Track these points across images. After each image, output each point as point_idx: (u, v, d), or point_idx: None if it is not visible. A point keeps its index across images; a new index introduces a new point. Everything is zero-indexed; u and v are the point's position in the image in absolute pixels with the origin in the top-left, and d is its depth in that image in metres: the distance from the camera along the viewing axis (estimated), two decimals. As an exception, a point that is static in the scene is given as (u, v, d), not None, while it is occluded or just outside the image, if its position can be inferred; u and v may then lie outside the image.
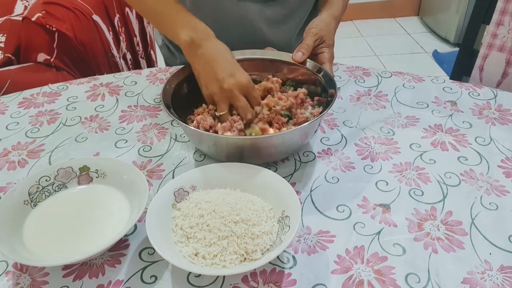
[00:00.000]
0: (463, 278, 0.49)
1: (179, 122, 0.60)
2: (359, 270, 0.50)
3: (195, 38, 0.65)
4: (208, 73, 0.65)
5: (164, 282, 0.50)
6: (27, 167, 0.67)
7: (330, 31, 0.76)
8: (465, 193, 0.61)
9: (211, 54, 0.65)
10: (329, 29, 0.76)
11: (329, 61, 0.73)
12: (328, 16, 0.78)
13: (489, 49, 1.09)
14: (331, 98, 0.64)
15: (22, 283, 0.50)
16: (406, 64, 2.61)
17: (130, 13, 1.61)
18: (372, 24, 3.10)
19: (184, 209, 0.54)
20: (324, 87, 0.69)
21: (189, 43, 0.66)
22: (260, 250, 0.49)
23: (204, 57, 0.65)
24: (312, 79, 0.72)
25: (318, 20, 0.77)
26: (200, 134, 0.62)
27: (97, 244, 0.49)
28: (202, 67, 0.66)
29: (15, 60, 1.39)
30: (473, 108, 0.79)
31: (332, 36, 0.77)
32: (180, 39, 0.66)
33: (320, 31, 0.74)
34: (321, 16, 0.79)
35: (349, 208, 0.59)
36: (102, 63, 1.43)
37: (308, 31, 0.75)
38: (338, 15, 0.80)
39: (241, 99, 0.63)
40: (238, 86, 0.63)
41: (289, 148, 0.65)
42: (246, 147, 0.61)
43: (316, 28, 0.75)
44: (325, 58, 0.73)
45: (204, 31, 0.67)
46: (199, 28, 0.66)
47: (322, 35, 0.74)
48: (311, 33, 0.74)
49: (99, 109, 0.81)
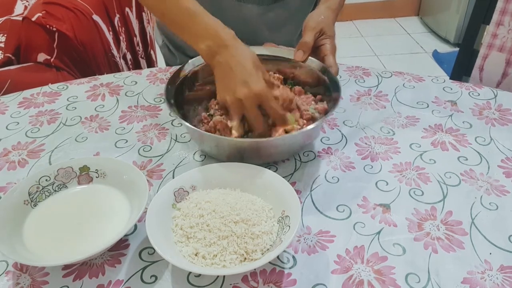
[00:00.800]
0: (463, 278, 0.49)
1: (182, 122, 0.60)
2: (359, 270, 0.50)
3: (212, 46, 0.62)
4: (222, 81, 0.62)
5: (164, 282, 0.50)
6: (27, 167, 0.67)
7: (329, 23, 0.74)
8: (465, 193, 0.61)
9: (227, 61, 0.61)
10: (328, 21, 0.74)
11: (331, 53, 0.71)
12: (326, 9, 0.76)
13: (489, 49, 1.09)
14: (336, 97, 0.64)
15: (22, 283, 0.50)
16: (406, 64, 2.61)
17: (130, 13, 1.61)
18: (372, 24, 3.10)
19: (184, 209, 0.54)
20: (328, 87, 0.69)
21: (207, 51, 0.63)
22: (260, 250, 0.49)
23: (220, 65, 0.62)
24: (315, 77, 0.72)
25: (315, 14, 0.75)
26: (201, 135, 0.62)
27: (97, 244, 0.49)
28: (219, 75, 0.63)
29: (15, 60, 1.39)
30: (473, 108, 0.79)
31: (332, 27, 0.75)
32: (199, 48, 0.64)
33: (318, 23, 0.72)
34: (318, 9, 0.77)
35: (349, 208, 0.59)
36: (102, 63, 1.43)
37: (306, 25, 0.73)
38: (336, 8, 0.78)
39: (252, 111, 0.60)
40: (250, 95, 0.59)
41: (291, 148, 0.65)
42: (247, 149, 0.61)
43: (313, 21, 0.73)
44: (327, 50, 0.71)
45: (223, 36, 0.63)
46: (218, 34, 0.63)
47: (321, 27, 0.72)
48: (309, 27, 0.72)
49: (99, 109, 0.81)
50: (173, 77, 0.70)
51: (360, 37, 2.95)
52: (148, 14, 1.76)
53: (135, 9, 1.65)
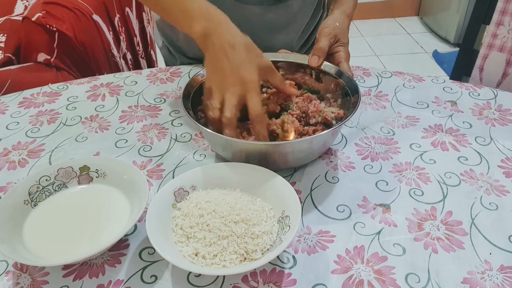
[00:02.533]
0: (463, 278, 0.49)
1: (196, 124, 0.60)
2: (359, 270, 0.50)
3: (207, 27, 0.60)
4: (213, 68, 0.60)
5: (164, 282, 0.50)
6: (27, 167, 0.67)
7: (344, 29, 0.75)
8: (465, 193, 0.61)
9: (222, 46, 0.59)
10: (343, 27, 0.75)
11: (346, 60, 0.72)
12: (340, 14, 0.77)
13: (489, 49, 1.09)
14: (354, 100, 0.64)
15: (22, 283, 0.50)
16: (406, 64, 2.61)
17: (130, 13, 1.62)
18: (372, 24, 3.10)
19: (184, 209, 0.54)
20: (347, 91, 0.68)
21: (202, 33, 0.60)
22: (260, 250, 0.49)
23: (214, 49, 0.59)
24: (332, 82, 0.71)
25: (331, 19, 0.75)
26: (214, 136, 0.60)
27: (97, 244, 0.49)
28: (210, 58, 0.61)
29: (15, 60, 1.39)
30: (473, 108, 0.79)
31: (346, 34, 0.75)
32: (193, 31, 0.61)
33: (334, 30, 0.73)
34: (333, 15, 0.77)
35: (349, 208, 0.59)
36: (102, 63, 1.44)
37: (321, 31, 0.73)
38: (350, 13, 0.79)
39: (232, 100, 0.57)
40: (238, 87, 0.57)
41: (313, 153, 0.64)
42: (268, 152, 0.60)
43: (329, 28, 0.73)
44: (342, 57, 0.72)
45: (219, 18, 0.61)
46: (214, 16, 0.61)
47: (336, 33, 0.73)
48: (324, 33, 0.72)
49: (99, 109, 0.81)
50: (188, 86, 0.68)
51: (360, 37, 2.95)
52: (148, 14, 1.76)
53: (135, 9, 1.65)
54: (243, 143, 0.61)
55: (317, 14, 0.95)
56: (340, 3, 0.80)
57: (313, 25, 0.96)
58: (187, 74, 0.92)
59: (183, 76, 0.91)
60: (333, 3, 0.82)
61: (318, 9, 0.95)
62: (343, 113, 0.66)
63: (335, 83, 0.71)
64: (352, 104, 0.64)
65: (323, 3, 0.96)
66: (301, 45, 0.97)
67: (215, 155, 0.69)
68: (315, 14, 0.94)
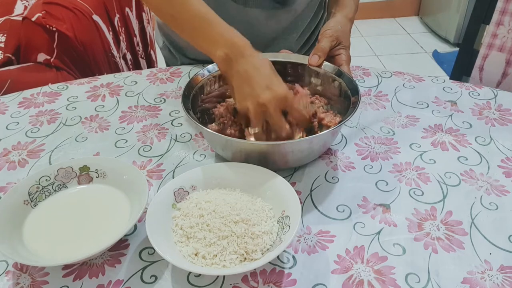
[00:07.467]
0: (463, 278, 0.49)
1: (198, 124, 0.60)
2: (359, 270, 0.50)
3: (229, 54, 0.61)
4: (243, 89, 0.61)
5: (164, 282, 0.50)
6: (27, 167, 0.67)
7: (346, 33, 0.75)
8: (465, 193, 0.61)
9: (247, 70, 0.60)
10: (345, 30, 0.75)
11: (347, 63, 0.72)
12: (343, 18, 0.77)
13: (489, 49, 1.09)
14: (354, 102, 0.64)
15: (22, 283, 0.50)
16: (406, 64, 2.61)
17: (130, 13, 1.62)
18: (372, 24, 3.10)
19: (184, 209, 0.54)
20: (346, 93, 0.68)
21: (224, 59, 0.61)
22: (260, 250, 0.49)
23: (239, 75, 0.60)
24: (331, 82, 0.71)
25: (333, 22, 0.75)
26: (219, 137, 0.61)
27: (97, 244, 0.49)
28: (237, 83, 0.62)
29: (15, 60, 1.39)
30: (473, 108, 0.79)
31: (348, 37, 0.76)
32: (215, 55, 0.62)
33: (336, 32, 0.73)
34: (335, 17, 0.77)
35: (349, 208, 0.59)
36: (102, 63, 1.44)
37: (324, 33, 0.73)
38: (352, 16, 0.79)
39: (276, 114, 0.59)
40: (274, 99, 0.58)
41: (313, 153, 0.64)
42: (268, 152, 0.60)
43: (331, 30, 0.73)
44: (343, 60, 0.72)
45: (241, 44, 0.62)
46: (235, 42, 0.62)
47: (337, 36, 0.73)
48: (326, 35, 0.73)
49: (99, 109, 0.81)
50: (188, 86, 0.68)
51: (360, 37, 2.95)
52: (148, 14, 1.76)
53: (135, 9, 1.65)
54: (243, 143, 0.61)
55: (318, 14, 0.95)
56: (342, 6, 0.80)
57: (313, 25, 0.96)
58: (187, 74, 0.92)
59: (183, 76, 0.91)
60: (335, 6, 0.82)
61: (319, 9, 0.95)
62: (337, 122, 0.66)
63: (334, 83, 0.71)
64: (352, 104, 0.64)
65: (323, 3, 0.96)
66: (300, 45, 0.97)
67: (215, 155, 0.69)
68: (316, 15, 0.95)
